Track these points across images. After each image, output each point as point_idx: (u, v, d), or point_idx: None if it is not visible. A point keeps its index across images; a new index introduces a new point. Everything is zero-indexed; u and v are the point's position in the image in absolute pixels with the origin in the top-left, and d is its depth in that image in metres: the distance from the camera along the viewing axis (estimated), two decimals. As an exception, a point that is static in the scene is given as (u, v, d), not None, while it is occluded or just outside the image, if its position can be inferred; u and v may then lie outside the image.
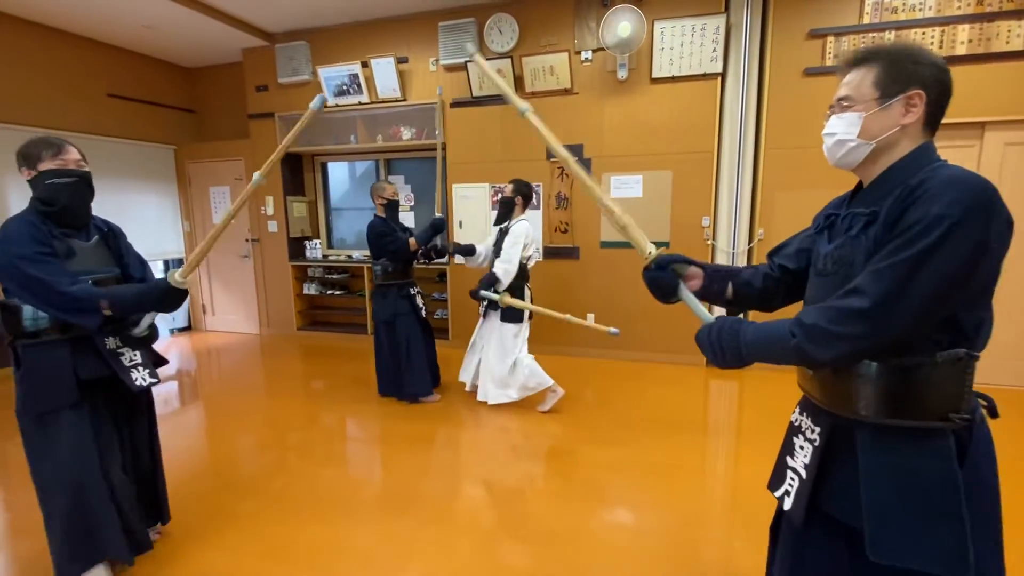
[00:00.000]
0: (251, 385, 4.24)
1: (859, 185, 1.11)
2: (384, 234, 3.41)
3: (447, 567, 1.95)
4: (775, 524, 1.30)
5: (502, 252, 3.29)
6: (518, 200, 3.40)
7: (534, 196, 4.66)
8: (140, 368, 1.83)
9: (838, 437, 1.06)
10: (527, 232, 3.34)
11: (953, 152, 3.63)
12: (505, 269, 3.26)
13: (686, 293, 1.23)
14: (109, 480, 1.79)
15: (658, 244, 3.46)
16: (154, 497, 2.03)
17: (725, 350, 1.06)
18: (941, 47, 3.55)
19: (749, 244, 4.16)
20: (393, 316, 3.49)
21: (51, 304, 1.61)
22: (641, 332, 4.42)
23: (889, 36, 3.65)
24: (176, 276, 1.63)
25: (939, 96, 0.99)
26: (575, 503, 2.37)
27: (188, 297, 1.61)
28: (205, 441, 3.18)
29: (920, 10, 3.58)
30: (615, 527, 2.22)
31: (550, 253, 4.69)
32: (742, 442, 3.01)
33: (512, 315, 3.33)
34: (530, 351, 3.42)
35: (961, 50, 3.51)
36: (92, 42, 4.93)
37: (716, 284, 1.27)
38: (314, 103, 1.73)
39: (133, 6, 4.19)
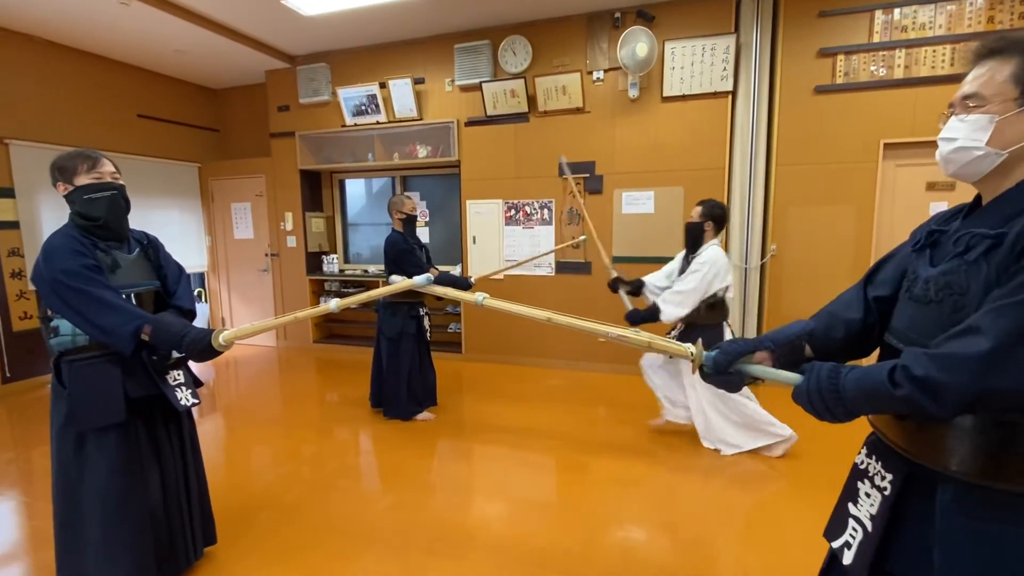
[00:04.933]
0: (268, 397, 4.32)
1: (978, 199, 0.95)
2: (407, 251, 3.32)
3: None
4: (825, 572, 1.16)
5: (677, 281, 2.86)
6: (708, 226, 2.89)
7: (559, 218, 4.73)
8: (183, 388, 1.81)
9: (913, 488, 0.91)
10: (718, 259, 2.78)
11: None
12: (678, 300, 2.74)
13: (759, 371, 1.05)
14: (148, 500, 1.76)
15: (671, 259, 3.36)
16: (201, 518, 1.99)
17: (832, 411, 0.90)
18: (953, 65, 3.56)
19: (762, 260, 4.16)
20: (399, 335, 3.45)
21: (92, 323, 1.56)
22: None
23: (899, 54, 3.68)
24: (220, 339, 1.56)
25: None
26: (588, 520, 2.38)
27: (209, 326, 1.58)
28: (222, 453, 3.25)
29: (930, 28, 3.60)
30: (629, 544, 2.22)
31: (562, 268, 4.74)
32: (760, 461, 2.99)
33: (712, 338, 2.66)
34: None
35: (973, 67, 3.51)
36: (125, 66, 5.17)
37: (790, 355, 1.09)
38: (419, 280, 1.54)
39: (167, 32, 4.41)
